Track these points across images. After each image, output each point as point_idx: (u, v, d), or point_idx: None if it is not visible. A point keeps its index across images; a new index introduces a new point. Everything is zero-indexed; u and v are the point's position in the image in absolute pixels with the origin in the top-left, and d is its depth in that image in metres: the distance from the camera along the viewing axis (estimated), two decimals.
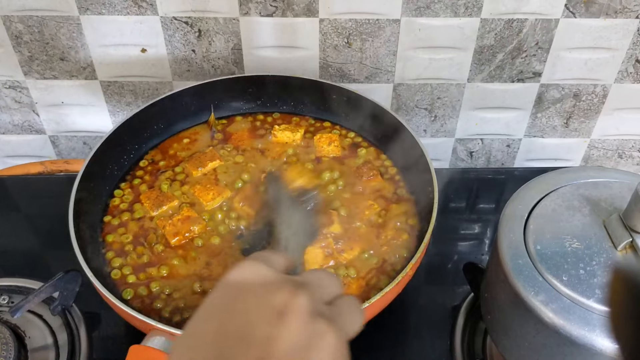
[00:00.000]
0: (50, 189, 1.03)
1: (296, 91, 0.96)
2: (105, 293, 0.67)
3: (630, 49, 0.97)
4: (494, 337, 0.69)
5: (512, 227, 0.64)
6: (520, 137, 1.12)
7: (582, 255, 0.59)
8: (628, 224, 0.59)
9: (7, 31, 0.96)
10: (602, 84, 1.03)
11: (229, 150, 0.90)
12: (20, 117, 1.09)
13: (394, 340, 0.81)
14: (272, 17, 0.94)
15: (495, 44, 0.97)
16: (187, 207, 0.81)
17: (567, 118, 1.08)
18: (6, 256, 0.92)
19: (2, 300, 0.83)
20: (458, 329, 0.81)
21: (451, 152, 1.15)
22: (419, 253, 0.72)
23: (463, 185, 1.05)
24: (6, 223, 0.97)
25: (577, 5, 0.92)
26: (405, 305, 0.84)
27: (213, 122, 0.94)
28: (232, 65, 1.01)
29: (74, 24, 0.95)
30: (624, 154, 1.15)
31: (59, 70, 1.01)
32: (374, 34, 0.96)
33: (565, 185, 0.67)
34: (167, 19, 0.95)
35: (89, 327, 0.81)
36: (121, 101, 1.06)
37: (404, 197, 0.85)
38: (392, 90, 1.04)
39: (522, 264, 0.60)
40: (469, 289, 0.83)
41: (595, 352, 0.55)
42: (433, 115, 1.08)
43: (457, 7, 0.92)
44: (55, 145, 1.13)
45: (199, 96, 0.94)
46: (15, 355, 0.74)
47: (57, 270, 0.79)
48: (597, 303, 0.56)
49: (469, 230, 0.97)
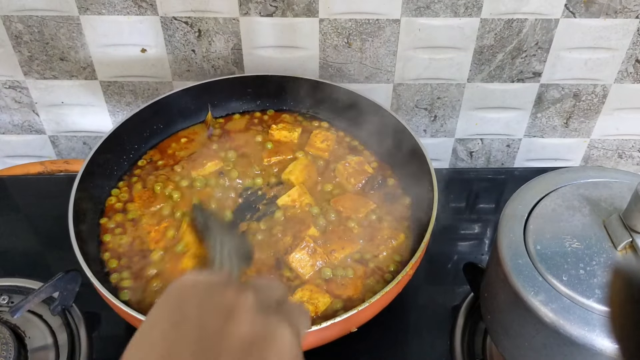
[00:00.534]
0: (50, 189, 1.03)
1: (296, 91, 0.96)
2: (105, 293, 0.67)
3: (630, 49, 0.97)
4: (494, 337, 0.69)
5: (512, 227, 0.64)
6: (520, 137, 1.12)
7: (582, 255, 0.59)
8: (628, 224, 0.59)
9: (7, 31, 0.96)
10: (602, 84, 1.03)
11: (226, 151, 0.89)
12: (20, 117, 1.09)
13: (394, 340, 0.81)
14: (272, 17, 0.94)
15: (495, 44, 0.97)
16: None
17: (567, 118, 1.08)
18: (6, 256, 0.91)
19: (2, 300, 0.83)
20: (458, 329, 0.81)
21: (451, 152, 1.15)
22: (419, 253, 0.72)
23: (463, 185, 1.05)
24: (6, 223, 0.97)
25: (577, 5, 0.92)
26: (405, 305, 0.84)
27: (210, 120, 0.94)
28: (232, 65, 1.01)
29: (74, 24, 0.95)
30: (624, 154, 1.15)
31: (59, 70, 1.01)
32: (374, 34, 0.96)
33: (565, 185, 0.67)
34: (167, 19, 0.95)
35: (89, 327, 0.81)
36: (121, 101, 1.06)
37: (403, 197, 0.85)
38: (392, 90, 1.04)
39: (522, 264, 0.60)
40: (469, 289, 0.83)
41: (595, 352, 0.55)
42: (433, 115, 1.08)
43: (457, 7, 0.92)
44: (55, 145, 1.13)
45: (199, 96, 0.94)
46: (15, 355, 0.74)
47: (57, 270, 0.79)
48: (597, 303, 0.56)
49: (469, 230, 0.97)
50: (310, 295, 0.72)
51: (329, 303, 0.72)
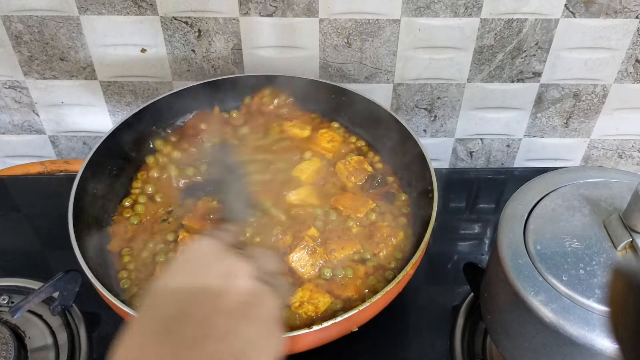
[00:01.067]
0: (50, 189, 1.04)
1: (296, 91, 0.96)
2: (105, 293, 0.67)
3: (630, 48, 0.97)
4: (494, 337, 0.69)
5: (512, 227, 0.64)
6: (520, 137, 1.12)
7: (582, 255, 0.59)
8: (628, 224, 0.59)
9: (7, 31, 0.95)
10: (602, 84, 1.03)
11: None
12: (20, 117, 1.09)
13: (394, 340, 0.81)
14: (272, 17, 0.94)
15: (495, 44, 0.97)
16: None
17: (567, 118, 1.08)
18: (6, 256, 0.92)
19: (2, 300, 0.83)
20: (458, 329, 0.81)
21: (451, 152, 1.15)
22: (419, 252, 0.72)
23: (463, 185, 1.05)
24: (6, 223, 0.97)
25: (577, 5, 0.92)
26: (405, 305, 0.84)
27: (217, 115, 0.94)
28: (231, 65, 1.01)
29: (74, 24, 0.95)
30: (623, 153, 1.15)
31: (58, 70, 1.01)
32: (373, 34, 0.96)
33: (565, 185, 0.67)
34: (167, 19, 0.95)
35: (89, 327, 0.81)
36: (121, 101, 1.06)
37: (403, 197, 0.86)
38: (392, 90, 1.04)
39: (522, 264, 0.60)
40: (469, 289, 0.83)
41: (595, 352, 0.55)
42: (433, 115, 1.08)
43: (457, 7, 0.92)
44: (55, 145, 1.13)
45: (199, 96, 0.94)
46: (15, 356, 0.74)
47: (57, 270, 0.79)
48: (597, 303, 0.56)
49: (469, 230, 0.97)
50: (311, 295, 0.72)
51: (329, 303, 0.72)
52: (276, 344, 0.46)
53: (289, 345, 0.65)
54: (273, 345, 0.45)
